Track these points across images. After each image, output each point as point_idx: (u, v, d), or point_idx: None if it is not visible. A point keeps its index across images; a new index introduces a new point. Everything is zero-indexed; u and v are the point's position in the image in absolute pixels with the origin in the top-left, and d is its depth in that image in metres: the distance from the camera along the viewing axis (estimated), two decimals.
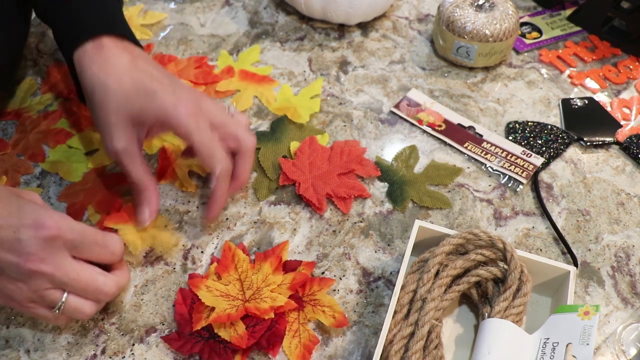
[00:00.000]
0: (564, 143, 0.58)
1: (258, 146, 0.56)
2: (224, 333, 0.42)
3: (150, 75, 0.45)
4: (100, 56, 0.45)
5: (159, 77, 0.45)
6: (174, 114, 0.44)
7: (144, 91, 0.44)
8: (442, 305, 0.42)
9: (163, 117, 0.44)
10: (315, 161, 0.55)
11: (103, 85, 0.44)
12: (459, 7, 0.63)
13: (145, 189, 0.46)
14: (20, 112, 0.59)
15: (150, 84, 0.44)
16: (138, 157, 0.45)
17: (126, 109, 0.44)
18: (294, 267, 0.47)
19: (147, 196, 0.46)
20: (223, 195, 0.47)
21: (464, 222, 0.52)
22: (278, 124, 0.59)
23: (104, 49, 0.45)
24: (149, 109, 0.44)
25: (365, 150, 0.57)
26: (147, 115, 0.44)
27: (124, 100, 0.43)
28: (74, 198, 0.52)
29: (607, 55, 0.69)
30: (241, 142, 0.47)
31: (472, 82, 0.65)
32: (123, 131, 0.44)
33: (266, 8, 0.73)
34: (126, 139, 0.44)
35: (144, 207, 0.47)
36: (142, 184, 0.46)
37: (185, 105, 0.44)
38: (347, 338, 0.44)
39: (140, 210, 0.47)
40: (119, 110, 0.44)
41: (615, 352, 0.44)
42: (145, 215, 0.47)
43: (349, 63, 0.66)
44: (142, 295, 0.46)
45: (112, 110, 0.44)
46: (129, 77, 0.44)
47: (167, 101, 0.44)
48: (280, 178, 0.54)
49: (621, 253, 0.50)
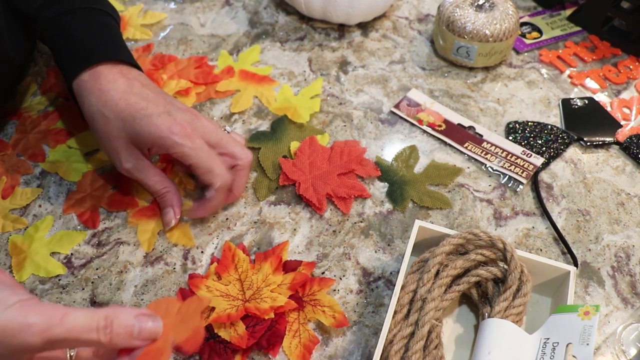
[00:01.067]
0: (564, 143, 0.58)
1: (258, 146, 0.56)
2: (224, 333, 0.42)
3: (145, 98, 0.46)
4: (97, 85, 0.46)
5: (155, 99, 0.47)
6: (169, 136, 0.45)
7: (140, 115, 0.45)
8: (442, 305, 0.42)
9: (159, 140, 0.45)
10: (316, 161, 0.55)
11: (101, 115, 0.46)
12: (459, 7, 0.63)
13: (166, 193, 0.49)
14: (20, 112, 0.59)
15: (146, 107, 0.46)
16: (150, 169, 0.48)
17: (125, 133, 0.46)
18: (294, 267, 0.47)
19: (169, 199, 0.49)
20: (218, 205, 0.49)
21: (464, 222, 0.52)
22: (278, 123, 0.59)
23: (100, 77, 0.47)
24: (145, 132, 0.45)
25: (365, 150, 0.57)
26: (144, 138, 0.45)
27: (122, 125, 0.45)
28: (81, 207, 0.52)
29: (607, 55, 0.69)
30: (238, 159, 0.49)
31: (472, 82, 0.65)
32: (129, 153, 0.47)
33: (266, 8, 0.73)
34: (133, 158, 0.47)
35: (168, 209, 0.49)
36: (161, 191, 0.49)
37: (180, 127, 0.45)
38: (347, 338, 0.44)
39: (165, 212, 0.50)
40: (120, 136, 0.46)
41: (615, 352, 0.44)
42: (170, 216, 0.49)
43: (349, 63, 0.66)
44: (142, 295, 0.46)
45: (114, 136, 0.46)
46: (124, 102, 0.46)
47: (162, 124, 0.45)
48: (280, 178, 0.54)
49: (621, 253, 0.50)
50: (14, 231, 0.50)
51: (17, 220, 0.51)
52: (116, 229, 0.50)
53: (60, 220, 0.51)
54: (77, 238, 0.50)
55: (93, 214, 0.51)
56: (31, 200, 0.52)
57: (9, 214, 0.51)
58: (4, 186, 0.53)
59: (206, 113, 0.60)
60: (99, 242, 0.49)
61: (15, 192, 0.53)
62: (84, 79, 0.47)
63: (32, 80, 0.63)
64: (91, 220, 0.51)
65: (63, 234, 0.50)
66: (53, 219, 0.51)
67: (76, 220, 0.51)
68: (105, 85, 0.46)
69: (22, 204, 0.52)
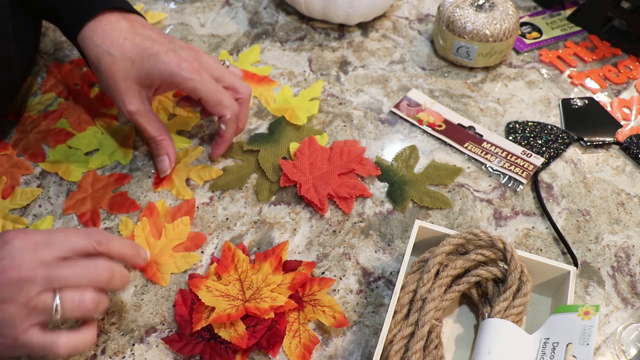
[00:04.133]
0: (564, 143, 0.58)
1: (257, 148, 0.56)
2: (224, 333, 0.42)
3: (149, 38, 0.48)
4: (100, 28, 0.48)
5: (158, 39, 0.48)
6: (178, 72, 0.47)
7: (147, 54, 0.47)
8: (442, 305, 0.42)
9: (169, 77, 0.47)
10: (316, 162, 0.55)
11: (107, 55, 0.47)
12: (459, 7, 0.63)
13: (162, 140, 0.51)
14: (20, 112, 0.59)
15: (152, 46, 0.47)
16: (152, 115, 0.50)
17: (133, 73, 0.47)
18: (294, 267, 0.47)
19: (164, 146, 0.51)
20: (231, 137, 0.53)
21: (464, 222, 0.52)
22: (276, 125, 0.59)
23: (102, 20, 0.48)
24: (154, 70, 0.47)
25: (365, 150, 0.57)
26: (153, 77, 0.47)
27: (130, 65, 0.47)
28: (82, 207, 0.52)
29: (607, 55, 0.69)
30: (239, 91, 0.52)
31: (472, 82, 0.65)
32: (133, 95, 0.48)
33: (266, 8, 0.73)
34: (138, 101, 0.48)
35: (164, 157, 0.52)
36: (158, 137, 0.51)
37: (187, 62, 0.47)
38: (347, 338, 0.44)
39: (160, 159, 0.52)
40: (127, 76, 0.47)
41: (615, 352, 0.44)
42: (165, 163, 0.52)
43: (349, 63, 0.66)
44: (142, 295, 0.46)
45: (120, 77, 0.47)
46: (130, 42, 0.47)
47: (171, 61, 0.47)
48: (281, 179, 0.54)
49: (621, 253, 0.50)
50: None
51: (17, 220, 0.50)
52: (116, 230, 0.50)
53: (60, 220, 0.51)
54: None
55: (93, 215, 0.51)
56: (31, 200, 0.52)
57: (9, 214, 0.51)
58: (4, 186, 0.53)
59: None
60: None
61: (15, 192, 0.53)
62: (88, 26, 0.48)
63: (32, 80, 0.63)
64: (91, 221, 0.51)
65: None
66: (53, 219, 0.51)
67: (76, 220, 0.51)
68: (109, 26, 0.48)
69: (22, 204, 0.52)
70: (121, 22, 0.48)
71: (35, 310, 0.36)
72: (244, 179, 0.54)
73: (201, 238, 0.49)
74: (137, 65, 0.47)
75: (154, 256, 0.48)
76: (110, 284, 0.39)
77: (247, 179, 0.55)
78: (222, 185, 0.54)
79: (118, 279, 0.40)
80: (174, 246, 0.49)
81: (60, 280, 0.36)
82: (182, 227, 0.50)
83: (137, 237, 0.49)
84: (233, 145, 0.57)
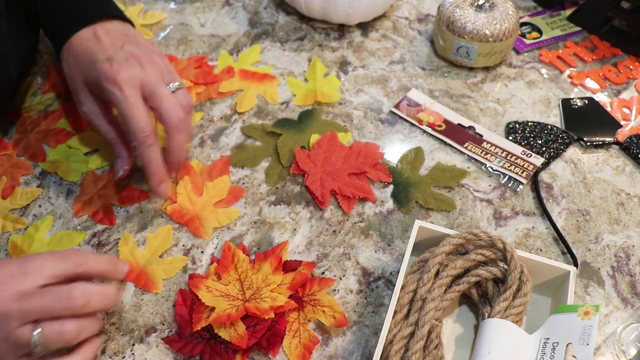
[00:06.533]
0: (564, 143, 0.58)
1: (280, 132, 0.57)
2: (224, 333, 0.42)
3: (98, 45, 0.48)
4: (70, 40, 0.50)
5: (106, 46, 0.48)
6: (102, 82, 0.46)
7: (89, 61, 0.47)
8: (442, 305, 0.42)
9: (99, 85, 0.47)
10: (330, 157, 0.55)
11: (65, 59, 0.50)
12: (459, 7, 0.63)
13: (115, 144, 0.51)
14: (20, 112, 0.59)
15: (94, 53, 0.48)
16: (104, 116, 0.50)
17: (81, 76, 0.49)
18: (294, 267, 0.47)
19: (117, 150, 0.51)
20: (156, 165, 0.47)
21: (464, 222, 0.52)
22: (306, 115, 0.60)
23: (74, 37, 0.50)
24: (90, 77, 0.48)
25: (383, 155, 0.56)
26: (90, 83, 0.48)
27: (79, 69, 0.49)
28: (93, 207, 0.52)
29: (607, 55, 0.69)
30: (164, 117, 0.47)
31: (472, 82, 0.65)
32: (86, 96, 0.49)
33: (266, 8, 0.73)
34: (90, 103, 0.50)
35: (117, 160, 0.51)
36: (110, 141, 0.51)
37: (116, 74, 0.45)
38: (347, 338, 0.44)
39: (115, 162, 0.52)
40: (80, 80, 0.49)
41: (615, 352, 0.44)
42: (117, 167, 0.51)
43: (349, 63, 0.66)
44: (142, 295, 0.46)
45: (75, 80, 0.50)
46: (83, 47, 0.49)
47: (100, 70, 0.46)
48: (292, 166, 0.54)
49: (621, 253, 0.50)
50: (14, 231, 0.50)
51: (17, 220, 0.51)
52: (116, 229, 0.50)
53: (60, 220, 0.51)
54: (77, 238, 0.50)
55: (107, 212, 0.51)
56: (31, 200, 0.52)
57: (9, 214, 0.51)
58: (4, 186, 0.53)
59: (206, 113, 0.60)
60: (99, 242, 0.49)
61: (15, 192, 0.53)
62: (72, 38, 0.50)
63: (32, 80, 0.63)
64: (107, 218, 0.51)
65: (63, 234, 0.50)
66: (53, 219, 0.51)
67: (76, 220, 0.51)
68: (74, 38, 0.50)
69: (22, 204, 0.52)
70: (86, 30, 0.49)
71: (17, 344, 0.35)
72: (258, 160, 0.56)
73: (239, 191, 0.53)
74: (81, 69, 0.48)
75: (196, 211, 0.51)
76: (87, 307, 0.37)
77: (261, 161, 0.56)
78: (236, 162, 0.56)
79: (97, 301, 0.38)
80: (215, 202, 0.52)
81: (34, 312, 0.35)
82: (222, 184, 0.53)
83: (180, 194, 0.52)
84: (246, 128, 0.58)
